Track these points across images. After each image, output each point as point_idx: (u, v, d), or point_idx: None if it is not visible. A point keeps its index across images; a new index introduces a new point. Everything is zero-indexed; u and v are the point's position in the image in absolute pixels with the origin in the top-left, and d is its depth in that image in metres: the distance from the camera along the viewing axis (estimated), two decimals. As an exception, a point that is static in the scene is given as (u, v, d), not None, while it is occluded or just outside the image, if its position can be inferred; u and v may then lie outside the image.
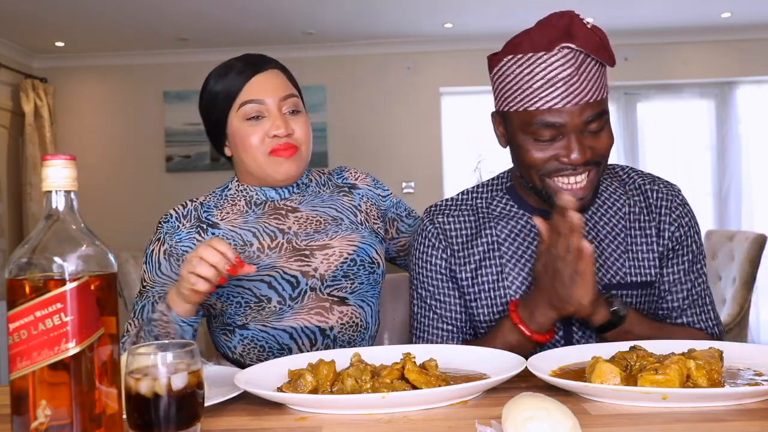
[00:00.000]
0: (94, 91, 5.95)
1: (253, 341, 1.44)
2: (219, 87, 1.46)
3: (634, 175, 1.42)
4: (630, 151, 5.92)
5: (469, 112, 5.88)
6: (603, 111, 1.25)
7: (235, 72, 1.46)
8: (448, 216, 1.42)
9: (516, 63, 1.24)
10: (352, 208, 1.54)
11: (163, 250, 1.44)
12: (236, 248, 1.41)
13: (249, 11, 4.85)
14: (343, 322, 1.44)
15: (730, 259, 3.93)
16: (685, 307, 1.38)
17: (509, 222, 1.39)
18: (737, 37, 5.73)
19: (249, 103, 1.44)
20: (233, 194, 1.52)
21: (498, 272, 1.37)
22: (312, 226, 1.47)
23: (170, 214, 1.48)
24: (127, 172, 5.90)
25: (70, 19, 4.94)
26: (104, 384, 0.81)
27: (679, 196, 1.40)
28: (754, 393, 0.96)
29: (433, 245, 1.41)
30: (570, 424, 0.80)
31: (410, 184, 5.82)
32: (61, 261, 0.79)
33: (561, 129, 1.22)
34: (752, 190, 5.97)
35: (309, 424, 0.96)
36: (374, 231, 1.54)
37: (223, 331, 1.47)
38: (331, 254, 1.44)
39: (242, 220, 1.47)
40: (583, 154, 1.22)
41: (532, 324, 1.25)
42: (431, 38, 5.71)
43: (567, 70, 1.20)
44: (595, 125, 1.24)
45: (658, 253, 1.36)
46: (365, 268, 1.47)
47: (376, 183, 1.62)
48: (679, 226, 1.37)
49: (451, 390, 1.00)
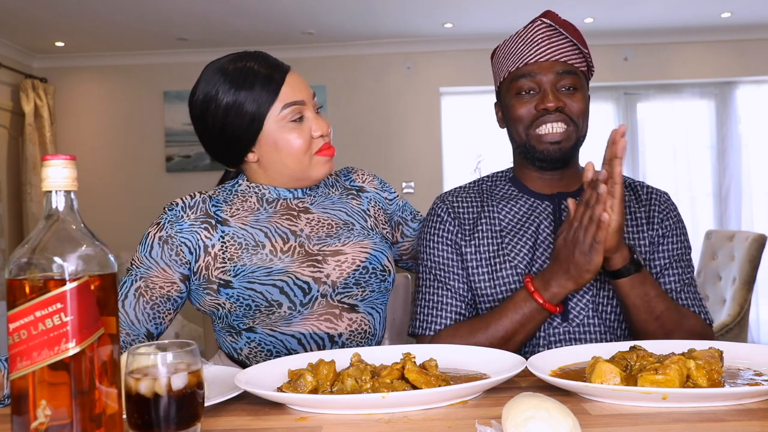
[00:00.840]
0: (94, 91, 5.96)
1: (260, 345, 1.42)
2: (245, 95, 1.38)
3: (626, 178, 1.56)
4: (630, 151, 5.91)
5: (469, 112, 5.88)
6: (574, 72, 1.46)
7: (263, 76, 1.39)
8: (457, 197, 1.56)
9: (506, 43, 1.52)
10: (361, 212, 1.53)
11: (159, 236, 1.40)
12: (248, 248, 1.39)
13: (249, 11, 4.85)
14: (353, 329, 1.43)
15: (730, 259, 3.93)
16: (679, 290, 1.46)
17: (509, 202, 1.52)
18: (737, 37, 5.73)
19: (292, 105, 1.40)
20: (244, 190, 1.48)
21: (498, 245, 1.48)
22: (324, 229, 1.46)
23: (176, 202, 1.44)
24: (127, 172, 5.90)
25: (70, 19, 4.94)
26: (104, 384, 0.81)
27: (665, 195, 1.56)
28: (754, 393, 0.96)
29: (443, 219, 1.52)
30: (570, 424, 0.80)
31: (410, 184, 5.82)
32: (61, 261, 0.79)
33: (537, 80, 1.45)
34: (752, 190, 5.97)
35: (309, 424, 0.96)
36: (384, 237, 1.54)
37: (228, 332, 1.45)
38: (344, 261, 1.42)
39: (253, 218, 1.44)
40: (556, 101, 1.43)
41: (546, 293, 1.35)
42: (431, 38, 5.71)
43: (541, 34, 1.47)
44: (567, 81, 1.45)
45: (649, 237, 1.48)
46: (377, 276, 1.45)
47: (383, 185, 1.62)
48: (671, 221, 1.51)
49: (450, 390, 1.00)
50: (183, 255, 1.39)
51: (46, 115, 5.64)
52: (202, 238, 1.40)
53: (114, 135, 5.94)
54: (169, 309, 1.40)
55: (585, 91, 1.49)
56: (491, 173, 1.62)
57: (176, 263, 1.39)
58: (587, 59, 1.48)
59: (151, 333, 1.38)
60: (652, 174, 5.87)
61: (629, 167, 5.82)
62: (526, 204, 1.51)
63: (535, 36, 1.47)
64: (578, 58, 1.47)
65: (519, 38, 1.48)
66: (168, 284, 1.38)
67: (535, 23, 1.48)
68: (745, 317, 3.72)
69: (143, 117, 5.88)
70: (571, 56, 1.47)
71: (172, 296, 1.39)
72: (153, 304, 1.37)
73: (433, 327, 1.45)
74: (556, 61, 1.45)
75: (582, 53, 1.47)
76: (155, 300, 1.37)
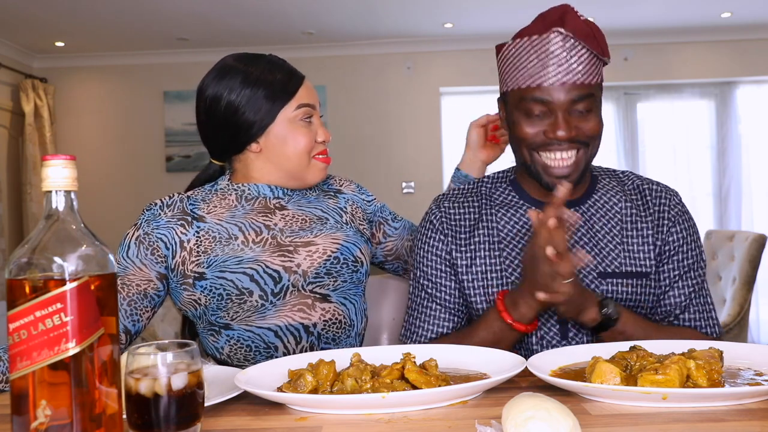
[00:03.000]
0: (94, 91, 5.96)
1: (239, 341, 1.45)
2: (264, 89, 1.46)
3: (634, 178, 1.49)
4: (630, 151, 5.92)
5: (469, 112, 5.86)
6: (590, 94, 1.33)
7: (284, 75, 1.49)
8: (453, 202, 1.48)
9: (515, 46, 1.36)
10: (337, 209, 1.57)
11: (136, 235, 1.44)
12: (221, 241, 1.43)
13: (249, 11, 4.85)
14: (326, 318, 1.46)
15: (730, 259, 3.93)
16: (686, 305, 1.40)
17: (509, 210, 1.44)
18: (737, 37, 5.73)
19: (306, 106, 1.49)
20: (223, 188, 1.53)
21: (496, 257, 1.41)
22: (297, 223, 1.50)
23: (155, 202, 1.49)
24: (127, 172, 5.90)
25: (70, 19, 4.94)
26: (104, 384, 0.81)
27: (676, 197, 1.45)
28: (754, 393, 0.96)
29: (434, 228, 1.46)
30: (570, 424, 0.80)
31: (410, 184, 5.82)
32: (61, 261, 0.79)
33: (549, 106, 1.32)
34: (752, 190, 5.97)
35: (309, 424, 0.96)
36: (359, 231, 1.56)
37: (210, 332, 1.48)
38: (315, 251, 1.46)
39: (229, 214, 1.48)
40: (568, 131, 1.31)
41: (514, 312, 1.29)
42: (431, 38, 5.71)
43: (556, 52, 1.32)
44: (582, 106, 1.33)
45: (654, 246, 1.40)
46: (348, 267, 1.48)
47: (361, 189, 1.66)
48: (680, 227, 1.42)
49: (450, 390, 1.00)
50: (159, 251, 1.43)
51: (46, 115, 5.64)
52: (178, 234, 1.44)
53: (114, 135, 5.94)
54: (146, 306, 1.42)
55: (599, 107, 1.37)
56: (492, 173, 1.54)
57: (152, 262, 1.43)
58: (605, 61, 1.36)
59: (129, 330, 1.39)
60: (652, 174, 5.86)
61: (629, 167, 5.82)
62: (526, 214, 1.42)
63: (549, 52, 1.31)
64: (595, 70, 1.34)
65: (532, 48, 1.33)
66: (144, 282, 1.41)
67: (551, 34, 1.31)
68: (745, 317, 3.72)
69: (143, 117, 5.88)
70: (588, 74, 1.33)
71: (149, 293, 1.42)
72: (129, 301, 1.39)
73: (419, 340, 1.44)
74: (572, 85, 1.31)
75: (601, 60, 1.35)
76: (132, 296, 1.39)
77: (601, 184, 1.46)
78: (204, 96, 1.50)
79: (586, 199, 1.43)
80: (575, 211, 1.38)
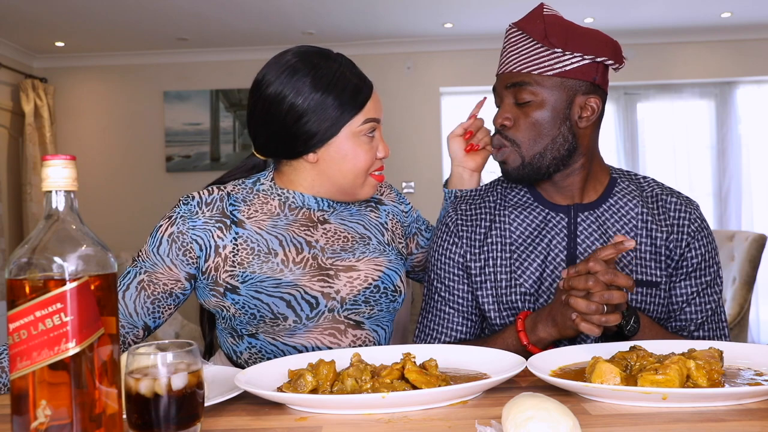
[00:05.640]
0: (94, 91, 5.95)
1: (261, 352, 1.41)
2: (333, 99, 1.35)
3: (654, 185, 1.46)
4: (630, 151, 5.92)
5: (469, 112, 5.87)
6: (520, 83, 1.33)
7: (354, 85, 1.38)
8: (470, 204, 1.48)
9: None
10: (379, 225, 1.50)
11: (170, 232, 1.35)
12: (260, 255, 1.36)
13: (249, 11, 4.85)
14: (356, 345, 1.41)
15: (730, 259, 3.93)
16: (701, 323, 1.39)
17: (522, 212, 1.44)
18: (737, 37, 5.73)
19: (372, 121, 1.40)
20: (266, 190, 1.43)
21: (507, 259, 1.41)
22: (339, 242, 1.43)
23: (192, 196, 1.39)
24: (127, 172, 5.90)
25: (70, 19, 4.94)
26: (104, 384, 0.81)
27: (697, 211, 1.43)
28: (754, 393, 0.96)
29: (451, 232, 1.46)
30: (570, 424, 0.80)
31: (410, 184, 5.82)
32: (61, 261, 0.79)
33: (498, 95, 1.39)
34: (752, 190, 5.97)
35: (309, 424, 0.96)
36: (400, 252, 1.52)
37: (231, 334, 1.44)
38: (356, 278, 1.39)
39: (271, 223, 1.40)
40: (501, 119, 1.37)
41: (532, 335, 1.29)
42: (431, 38, 5.71)
43: (505, 44, 1.40)
44: (520, 95, 1.33)
45: (666, 257, 1.38)
46: (387, 297, 1.43)
47: (400, 197, 1.59)
48: (699, 244, 1.39)
49: (451, 390, 1.00)
50: (192, 252, 1.35)
51: (46, 115, 5.64)
52: (214, 238, 1.36)
53: (114, 135, 5.94)
54: (170, 304, 1.39)
55: (542, 102, 1.33)
56: None
57: (183, 262, 1.36)
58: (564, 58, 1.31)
59: (149, 326, 1.37)
60: (652, 174, 5.85)
61: (629, 167, 5.82)
62: (540, 215, 1.42)
63: (503, 44, 1.41)
64: (538, 60, 1.32)
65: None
66: (172, 282, 1.36)
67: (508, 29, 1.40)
68: (745, 317, 3.72)
69: (143, 117, 5.88)
70: (528, 63, 1.32)
71: (175, 292, 1.37)
72: (154, 299, 1.36)
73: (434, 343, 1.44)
74: (510, 73, 1.35)
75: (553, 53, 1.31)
76: (156, 295, 1.36)
77: (619, 187, 1.43)
78: (265, 93, 1.37)
79: (602, 202, 1.41)
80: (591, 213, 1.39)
